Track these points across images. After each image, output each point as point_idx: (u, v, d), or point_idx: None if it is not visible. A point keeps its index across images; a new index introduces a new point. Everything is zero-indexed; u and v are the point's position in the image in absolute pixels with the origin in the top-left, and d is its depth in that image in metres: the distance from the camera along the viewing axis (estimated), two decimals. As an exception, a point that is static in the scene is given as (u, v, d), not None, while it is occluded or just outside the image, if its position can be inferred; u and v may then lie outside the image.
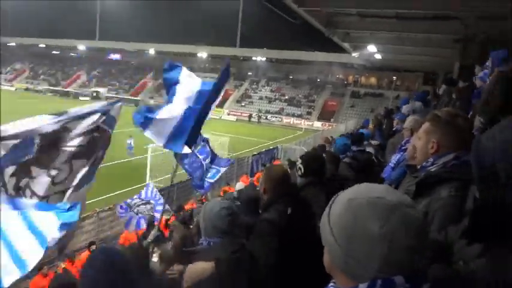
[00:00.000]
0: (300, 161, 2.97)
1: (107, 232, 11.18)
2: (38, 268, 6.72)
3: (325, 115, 46.88)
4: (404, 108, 6.89)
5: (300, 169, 2.90)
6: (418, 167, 1.83)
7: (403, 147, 3.04)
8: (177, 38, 55.18)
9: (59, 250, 1.90)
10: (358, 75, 52.82)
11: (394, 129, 5.36)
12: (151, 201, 6.70)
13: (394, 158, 3.16)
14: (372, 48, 21.61)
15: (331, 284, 0.95)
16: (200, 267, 1.88)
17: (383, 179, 3.21)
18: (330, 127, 38.48)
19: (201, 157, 5.90)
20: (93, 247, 7.55)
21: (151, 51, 59.78)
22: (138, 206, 6.73)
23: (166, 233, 8.42)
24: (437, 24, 13.30)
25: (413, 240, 0.82)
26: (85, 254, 7.54)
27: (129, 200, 6.74)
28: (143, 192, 6.85)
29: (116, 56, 65.38)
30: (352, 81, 53.05)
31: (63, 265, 7.39)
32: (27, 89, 58.35)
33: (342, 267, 0.88)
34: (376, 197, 0.86)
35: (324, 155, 4.02)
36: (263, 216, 2.21)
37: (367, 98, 48.60)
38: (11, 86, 59.36)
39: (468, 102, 4.34)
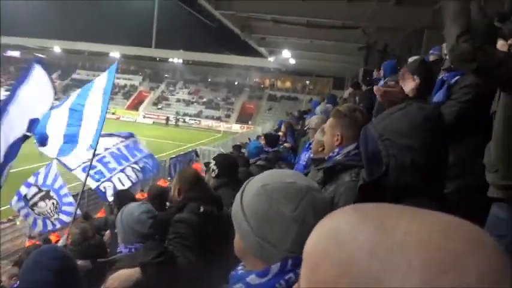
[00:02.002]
0: (213, 162, 3.03)
1: (6, 245, 10.08)
2: None
3: (244, 118, 47.67)
4: (317, 110, 7.33)
5: (214, 170, 2.96)
6: (326, 157, 2.01)
7: (310, 146, 3.21)
8: (87, 36, 51.69)
9: None
10: (274, 79, 54.67)
11: (305, 128, 5.73)
12: (52, 194, 5.60)
13: (304, 156, 3.35)
14: (286, 53, 22.56)
15: (240, 267, 0.98)
16: (125, 275, 1.83)
17: None
18: (248, 129, 39.23)
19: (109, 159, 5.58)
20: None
21: (57, 49, 55.13)
22: (36, 202, 5.56)
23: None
24: (344, 33, 14.39)
25: None
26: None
27: (25, 191, 5.57)
28: (41, 175, 5.63)
29: (14, 53, 59.16)
30: (268, 85, 54.73)
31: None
32: None
33: (256, 250, 0.90)
34: (288, 182, 0.90)
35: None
36: (178, 217, 2.22)
37: (283, 101, 50.51)
38: None
39: (370, 104, 4.77)
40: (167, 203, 3.85)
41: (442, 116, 1.17)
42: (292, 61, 28.74)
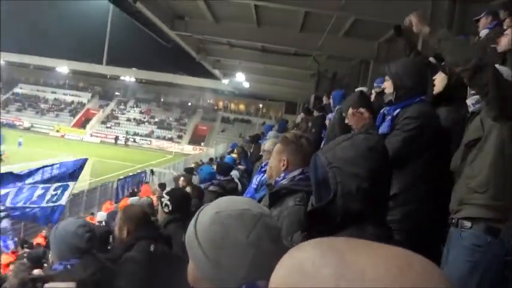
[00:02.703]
0: (167, 197, 2.97)
1: None
2: None
3: (196, 139, 47.27)
4: (270, 134, 7.48)
5: (167, 206, 2.91)
6: (273, 182, 2.07)
7: (263, 169, 3.25)
8: (33, 48, 49.32)
9: None
10: (228, 101, 55.04)
11: (260, 153, 5.79)
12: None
13: (256, 179, 3.37)
14: (240, 76, 22.87)
15: None
16: (61, 286, 1.72)
17: None
18: (201, 151, 38.88)
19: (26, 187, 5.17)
20: None
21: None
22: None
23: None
24: (296, 60, 14.93)
25: (275, 246, 0.89)
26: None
27: None
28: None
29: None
30: (222, 107, 54.96)
31: None
32: None
33: (211, 277, 0.90)
34: (241, 209, 0.91)
35: (188, 189, 4.11)
36: (126, 256, 2.19)
37: (237, 124, 50.84)
38: None
39: (321, 130, 4.92)
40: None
41: (385, 146, 1.24)
42: (246, 84, 29.16)
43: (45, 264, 5.99)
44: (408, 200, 2.07)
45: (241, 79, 24.25)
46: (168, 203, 2.91)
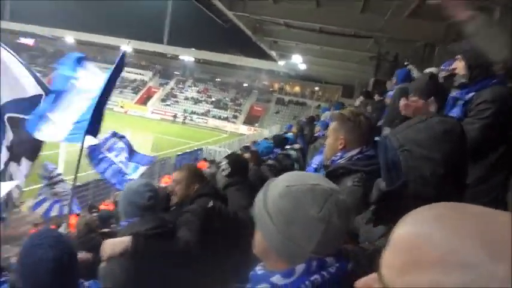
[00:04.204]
0: (225, 161, 3.04)
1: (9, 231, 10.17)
2: None
3: (251, 119, 47.73)
4: (325, 115, 7.33)
5: (226, 169, 2.95)
6: (329, 162, 1.97)
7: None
8: (99, 28, 52.06)
9: None
10: (283, 83, 54.70)
11: (316, 135, 5.69)
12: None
13: (316, 160, 3.31)
14: (297, 58, 22.56)
15: (259, 268, 0.99)
16: (117, 241, 1.85)
17: None
18: (255, 131, 39.24)
19: (110, 155, 5.70)
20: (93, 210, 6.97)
21: (70, 40, 55.65)
22: (57, 182, 5.55)
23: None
24: (356, 42, 14.40)
25: (344, 223, 0.91)
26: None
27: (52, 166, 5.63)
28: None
29: (28, 41, 59.73)
30: (277, 89, 54.76)
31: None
32: None
33: (280, 250, 0.92)
34: (312, 184, 0.92)
35: (248, 155, 4.13)
36: (187, 208, 2.25)
37: (291, 106, 50.51)
38: None
39: (382, 114, 4.78)
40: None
41: (463, 131, 1.14)
42: (302, 66, 28.73)
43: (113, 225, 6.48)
44: (482, 193, 1.89)
45: (297, 61, 23.93)
46: (227, 166, 2.95)
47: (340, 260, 0.92)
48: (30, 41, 59.70)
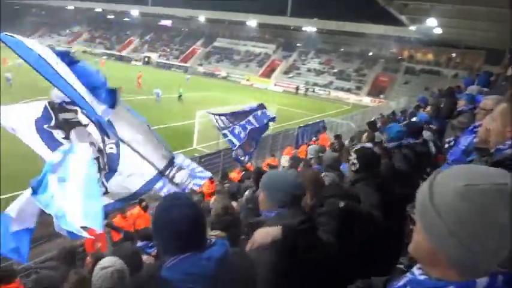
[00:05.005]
0: (354, 155, 2.85)
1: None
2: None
3: (376, 91, 45.36)
4: (471, 89, 6.30)
5: (354, 164, 2.82)
6: (492, 150, 1.72)
7: (476, 129, 2.71)
8: (226, 5, 54.66)
9: None
10: (413, 50, 50.22)
11: (459, 109, 4.89)
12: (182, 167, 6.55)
13: (465, 140, 2.89)
14: (431, 21, 20.43)
15: (417, 271, 0.91)
16: (266, 231, 1.91)
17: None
18: (380, 103, 37.27)
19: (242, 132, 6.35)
20: (144, 203, 7.96)
21: (202, 18, 60.08)
22: (174, 175, 6.53)
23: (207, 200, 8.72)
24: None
25: None
26: (137, 209, 8.00)
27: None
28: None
29: (167, 22, 66.42)
30: (407, 57, 50.60)
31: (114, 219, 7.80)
32: (84, 52, 60.96)
33: (454, 257, 0.80)
34: (499, 183, 0.78)
35: (375, 147, 3.88)
36: (319, 211, 2.25)
37: (423, 75, 46.26)
38: (70, 47, 62.14)
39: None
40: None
41: None
42: (438, 30, 25.82)
43: (239, 199, 7.00)
44: None
45: (432, 24, 21.62)
46: (355, 161, 2.81)
47: None
48: (168, 22, 66.27)
